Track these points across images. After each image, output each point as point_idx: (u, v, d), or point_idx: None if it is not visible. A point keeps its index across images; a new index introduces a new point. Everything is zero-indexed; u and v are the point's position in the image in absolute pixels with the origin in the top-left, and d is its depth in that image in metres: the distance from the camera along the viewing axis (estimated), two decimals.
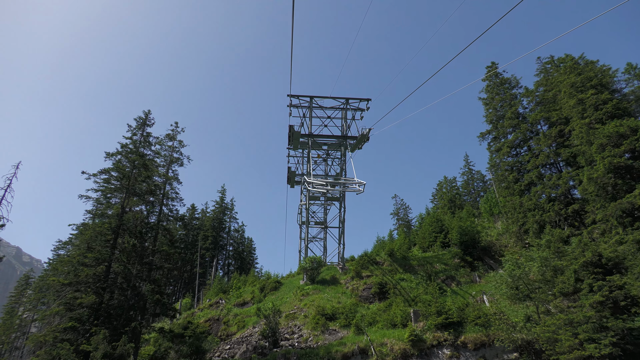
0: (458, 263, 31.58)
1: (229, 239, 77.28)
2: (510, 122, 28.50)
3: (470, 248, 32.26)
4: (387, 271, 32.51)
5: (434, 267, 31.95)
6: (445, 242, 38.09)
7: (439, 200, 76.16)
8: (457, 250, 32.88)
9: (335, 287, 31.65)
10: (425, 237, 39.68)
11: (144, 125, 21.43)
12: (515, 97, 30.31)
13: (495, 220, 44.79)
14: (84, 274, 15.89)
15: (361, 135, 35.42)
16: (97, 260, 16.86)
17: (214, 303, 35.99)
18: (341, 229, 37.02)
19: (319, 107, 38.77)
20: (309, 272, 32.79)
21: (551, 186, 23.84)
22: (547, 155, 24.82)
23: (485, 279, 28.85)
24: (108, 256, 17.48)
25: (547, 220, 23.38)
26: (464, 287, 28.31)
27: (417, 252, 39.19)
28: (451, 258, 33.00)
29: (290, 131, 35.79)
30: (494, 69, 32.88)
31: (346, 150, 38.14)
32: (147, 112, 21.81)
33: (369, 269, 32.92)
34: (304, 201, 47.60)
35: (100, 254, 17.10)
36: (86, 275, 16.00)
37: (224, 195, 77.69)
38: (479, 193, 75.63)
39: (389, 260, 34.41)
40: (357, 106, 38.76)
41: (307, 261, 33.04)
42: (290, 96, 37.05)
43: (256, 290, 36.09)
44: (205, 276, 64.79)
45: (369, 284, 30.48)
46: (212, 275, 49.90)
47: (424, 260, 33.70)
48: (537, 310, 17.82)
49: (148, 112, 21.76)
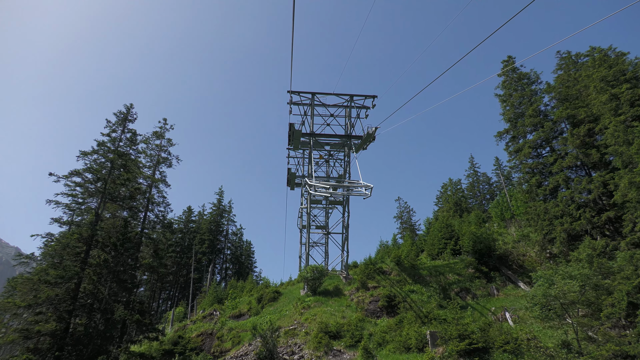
0: (472, 273, 29.06)
1: (227, 243, 74.71)
2: (532, 121, 26.00)
3: (485, 257, 29.73)
4: (395, 282, 29.97)
5: (447, 278, 29.42)
6: (456, 250, 35.58)
7: (444, 203, 73.79)
8: (471, 259, 30.35)
9: (339, 299, 29.10)
10: (435, 243, 37.16)
11: (125, 120, 18.93)
12: (535, 93, 27.82)
13: (507, 225, 42.30)
14: (44, 295, 13.39)
15: (367, 134, 32.93)
16: (62, 278, 14.36)
17: (207, 314, 33.42)
18: (345, 235, 34.49)
19: (321, 104, 36.32)
20: (310, 283, 30.24)
21: (581, 190, 21.34)
22: (575, 156, 22.34)
23: (503, 292, 26.32)
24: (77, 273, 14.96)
25: (578, 229, 20.88)
26: (481, 301, 25.77)
27: (425, 259, 36.69)
28: (464, 268, 30.48)
29: (290, 130, 33.30)
30: (511, 63, 30.41)
31: (350, 150, 35.65)
32: (129, 106, 19.30)
33: (375, 279, 30.38)
34: (305, 205, 45.12)
35: (66, 271, 14.59)
36: (47, 297, 13.51)
37: (221, 197, 75.16)
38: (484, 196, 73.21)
39: (397, 270, 31.87)
40: (362, 104, 36.29)
41: (308, 270, 30.50)
42: (291, 92, 34.59)
43: (253, 300, 33.52)
44: (201, 281, 62.19)
45: (376, 296, 27.95)
46: (208, 283, 47.33)
47: (435, 270, 31.17)
48: (577, 337, 15.27)
49: (130, 106, 19.26)
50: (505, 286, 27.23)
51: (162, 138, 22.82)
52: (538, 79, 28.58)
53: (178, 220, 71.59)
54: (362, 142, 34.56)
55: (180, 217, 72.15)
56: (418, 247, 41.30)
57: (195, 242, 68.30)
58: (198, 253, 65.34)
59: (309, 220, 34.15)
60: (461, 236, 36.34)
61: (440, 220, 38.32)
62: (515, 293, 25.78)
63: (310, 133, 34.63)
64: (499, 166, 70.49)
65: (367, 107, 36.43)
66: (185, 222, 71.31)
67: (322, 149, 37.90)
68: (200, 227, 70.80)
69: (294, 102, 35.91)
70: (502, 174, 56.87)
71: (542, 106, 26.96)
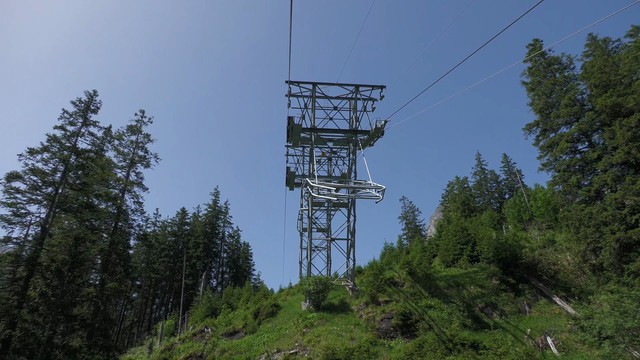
0: (497, 285, 25.59)
1: (223, 245, 71.20)
2: (568, 111, 22.47)
3: (511, 266, 26.29)
4: (408, 295, 26.50)
5: (468, 291, 25.98)
6: (474, 256, 32.16)
7: (450, 202, 70.50)
8: (494, 269, 26.90)
9: (346, 315, 25.63)
10: (449, 249, 33.72)
11: (86, 111, 15.37)
12: (569, 79, 24.30)
13: (525, 227, 38.91)
14: None
15: (375, 128, 29.42)
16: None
17: (198, 331, 29.91)
18: (351, 241, 30.98)
19: (323, 96, 32.76)
20: (312, 296, 26.75)
21: (636, 192, 17.89)
22: (626, 151, 18.88)
23: (536, 308, 22.86)
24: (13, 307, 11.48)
25: (635, 238, 17.45)
26: (511, 320, 22.34)
27: (439, 267, 33.25)
28: (487, 278, 27.04)
29: (289, 124, 29.75)
30: (539, 47, 26.86)
31: (356, 147, 32.14)
32: (92, 93, 15.74)
33: (386, 292, 26.90)
34: (306, 207, 41.57)
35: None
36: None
37: (217, 198, 71.59)
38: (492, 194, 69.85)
39: (410, 280, 28.40)
40: (368, 95, 32.74)
41: (310, 282, 27.02)
42: (289, 83, 31.00)
43: (249, 315, 30.06)
44: (196, 287, 58.71)
45: (389, 312, 24.47)
46: (201, 292, 43.77)
47: (453, 281, 27.73)
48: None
49: (93, 94, 15.71)
50: (537, 301, 23.78)
51: (138, 133, 19.27)
52: (571, 63, 25.07)
53: (171, 223, 68.03)
54: (369, 137, 31.06)
55: (173, 219, 68.58)
56: (430, 253, 37.87)
57: (189, 245, 64.75)
58: (192, 257, 61.82)
59: (310, 225, 30.63)
60: (478, 241, 32.95)
61: (455, 223, 34.88)
62: (550, 310, 22.34)
63: (312, 128, 31.10)
64: (507, 163, 67.32)
65: (374, 99, 32.91)
66: (179, 224, 67.74)
67: (325, 145, 34.39)
68: (195, 229, 67.27)
69: (292, 93, 32.38)
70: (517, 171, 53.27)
71: (578, 95, 23.46)
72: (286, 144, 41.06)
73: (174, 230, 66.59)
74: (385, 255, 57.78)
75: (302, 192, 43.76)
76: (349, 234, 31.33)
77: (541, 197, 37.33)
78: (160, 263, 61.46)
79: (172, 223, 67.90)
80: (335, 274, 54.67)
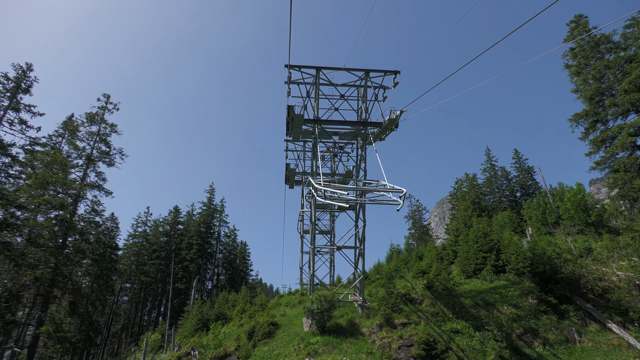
0: (535, 306, 21.68)
1: (218, 246, 67.27)
2: (629, 98, 18.37)
3: (550, 282, 22.39)
4: (429, 315, 22.58)
5: (499, 311, 22.06)
6: (499, 266, 28.27)
7: (459, 201, 66.68)
8: (529, 285, 22.98)
9: (356, 340, 21.72)
10: (469, 257, 29.79)
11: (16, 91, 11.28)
12: (627, 61, 20.19)
13: (549, 231, 35.02)
14: None
15: (389, 120, 25.33)
16: None
17: (184, 354, 26.07)
18: (359, 249, 27.00)
19: (328, 83, 28.60)
20: (316, 316, 22.83)
21: None
22: None
23: (588, 337, 18.96)
24: None
25: None
26: (559, 351, 18.46)
27: (458, 277, 29.34)
28: (520, 296, 23.11)
29: (289, 114, 25.64)
30: (584, 25, 22.67)
31: (365, 141, 28.05)
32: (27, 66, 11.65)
33: (402, 312, 22.98)
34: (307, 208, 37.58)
35: None
36: None
37: (212, 196, 67.49)
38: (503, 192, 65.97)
39: (430, 297, 24.49)
40: (380, 83, 28.61)
41: (314, 300, 23.07)
42: (289, 67, 26.83)
43: (243, 335, 26.23)
44: (188, 293, 54.84)
45: (407, 338, 20.58)
46: (192, 301, 39.88)
47: (480, 298, 23.81)
48: None
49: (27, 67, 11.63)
50: (586, 326, 19.90)
51: (100, 123, 15.13)
52: (626, 40, 20.90)
53: (163, 222, 64.04)
54: (381, 130, 26.98)
55: (166, 219, 64.57)
56: (447, 261, 33.98)
57: (182, 246, 60.80)
58: (185, 260, 57.89)
59: (312, 233, 26.61)
60: (503, 248, 29.06)
61: (476, 228, 30.92)
62: (606, 340, 18.46)
63: (315, 119, 27.00)
64: (518, 159, 63.71)
65: (386, 86, 28.78)
66: (171, 223, 63.75)
67: (329, 139, 30.33)
68: (188, 229, 63.27)
69: (293, 80, 28.22)
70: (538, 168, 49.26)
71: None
72: (285, 138, 36.99)
73: (166, 230, 62.60)
74: (392, 258, 53.92)
75: (303, 191, 39.76)
76: (357, 240, 27.36)
77: (570, 197, 33.41)
78: (150, 265, 57.54)
79: (165, 222, 63.91)
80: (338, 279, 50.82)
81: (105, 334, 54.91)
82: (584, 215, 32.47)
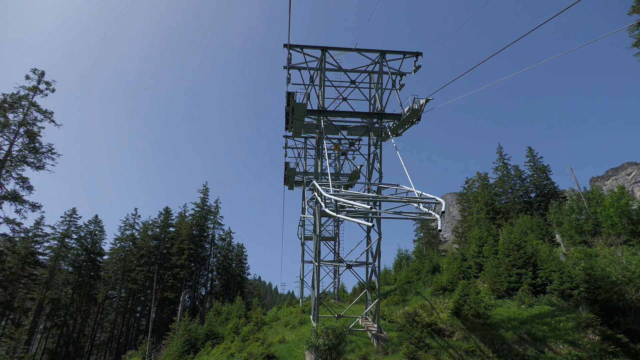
0: (598, 344, 17.20)
1: (212, 249, 62.75)
2: None
3: (615, 313, 17.93)
4: (463, 354, 18.11)
5: (553, 350, 17.58)
6: (536, 284, 23.83)
7: (472, 202, 62.34)
8: (588, 317, 18.49)
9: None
10: (501, 273, 25.34)
11: None
12: None
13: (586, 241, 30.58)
14: None
15: (411, 110, 20.72)
16: None
17: None
18: (373, 266, 22.45)
19: (336, 67, 24.01)
20: (322, 354, 18.34)
21: None
22: None
23: None
24: None
25: None
26: None
27: (487, 298, 24.91)
28: (576, 329, 18.62)
29: (288, 103, 21.05)
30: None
31: (379, 136, 23.46)
32: None
33: (430, 350, 18.48)
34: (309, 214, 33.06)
35: None
36: None
37: (206, 196, 62.85)
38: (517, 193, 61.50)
39: (461, 329, 19.99)
40: (397, 69, 24.01)
41: (319, 333, 18.56)
42: (289, 48, 22.25)
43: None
44: (177, 303, 50.36)
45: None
46: (178, 318, 35.35)
47: (525, 330, 19.30)
48: None
49: None
50: None
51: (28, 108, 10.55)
52: None
53: (152, 225, 59.46)
54: (399, 123, 22.41)
55: (155, 221, 59.99)
56: (471, 275, 29.49)
57: (173, 251, 56.26)
58: (175, 266, 53.37)
59: (318, 245, 22.06)
60: (540, 263, 24.66)
61: (506, 239, 26.43)
62: None
63: (320, 109, 22.41)
64: (532, 157, 59.36)
65: (404, 73, 24.22)
66: (161, 226, 59.17)
67: (335, 134, 25.79)
68: (180, 232, 58.70)
69: (294, 64, 23.64)
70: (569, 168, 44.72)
71: None
72: (285, 134, 32.44)
73: (155, 233, 58.06)
74: (401, 266, 49.57)
75: (305, 194, 35.22)
76: (372, 256, 22.83)
77: (613, 202, 28.99)
78: (138, 272, 53.01)
79: (154, 225, 59.34)
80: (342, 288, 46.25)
81: (88, 347, 50.49)
82: (628, 223, 28.11)
